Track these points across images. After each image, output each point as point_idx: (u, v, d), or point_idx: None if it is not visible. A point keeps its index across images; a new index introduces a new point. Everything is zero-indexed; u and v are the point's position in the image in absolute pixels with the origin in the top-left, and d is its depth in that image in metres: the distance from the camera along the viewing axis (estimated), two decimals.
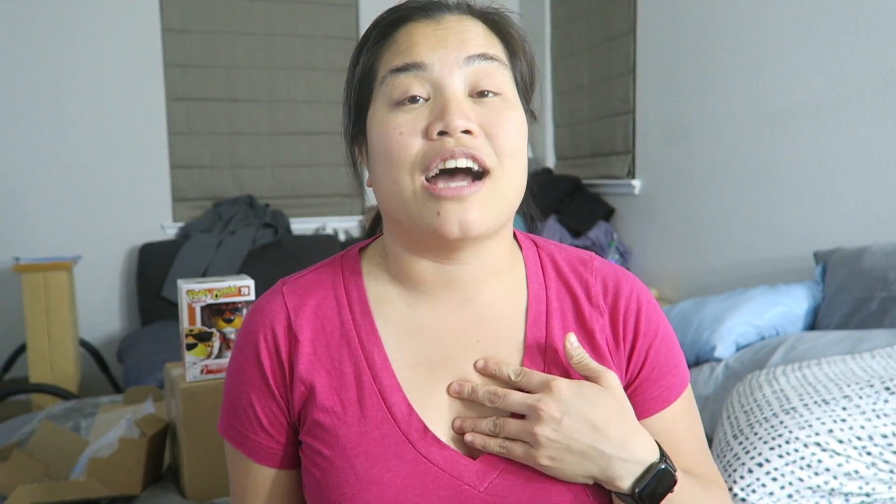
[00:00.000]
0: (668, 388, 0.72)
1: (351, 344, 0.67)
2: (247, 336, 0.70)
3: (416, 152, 0.62)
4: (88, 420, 1.69)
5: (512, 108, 0.65)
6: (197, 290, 1.33)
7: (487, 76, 0.63)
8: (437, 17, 0.65)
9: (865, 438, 1.10)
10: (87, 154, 3.35)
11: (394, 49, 0.64)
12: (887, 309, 1.71)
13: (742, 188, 2.54)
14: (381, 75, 0.64)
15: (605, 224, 3.27)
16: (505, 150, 0.63)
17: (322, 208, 3.84)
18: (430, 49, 0.62)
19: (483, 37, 0.65)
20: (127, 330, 3.47)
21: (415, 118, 0.62)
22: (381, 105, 0.64)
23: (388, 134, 0.62)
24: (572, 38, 3.60)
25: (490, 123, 0.62)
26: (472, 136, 0.61)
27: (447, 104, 0.61)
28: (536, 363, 0.68)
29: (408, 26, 0.65)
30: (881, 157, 2.02)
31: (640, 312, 0.72)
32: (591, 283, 0.72)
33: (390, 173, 0.63)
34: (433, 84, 0.62)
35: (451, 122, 0.60)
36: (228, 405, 0.72)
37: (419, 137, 0.62)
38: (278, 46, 3.68)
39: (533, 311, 0.70)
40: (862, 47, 2.06)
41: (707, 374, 1.77)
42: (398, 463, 0.63)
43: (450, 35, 0.63)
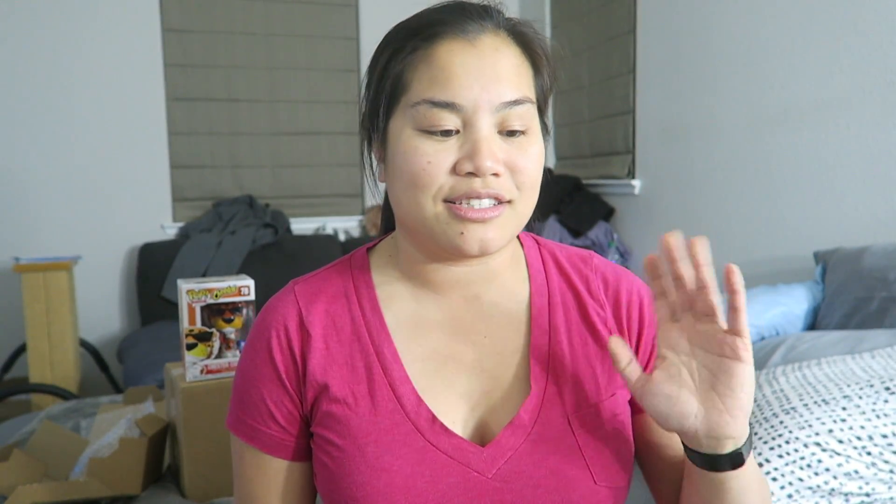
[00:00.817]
0: None
1: (361, 339, 0.70)
2: (259, 333, 0.72)
3: (443, 184, 0.64)
4: (88, 420, 1.69)
5: (535, 143, 0.67)
6: (197, 290, 1.33)
7: (518, 118, 0.65)
8: (473, 38, 0.65)
9: (865, 438, 1.10)
10: (88, 154, 3.35)
11: (429, 72, 0.64)
12: (887, 309, 1.71)
13: (742, 188, 2.54)
14: (413, 98, 0.65)
15: (605, 224, 3.27)
16: (526, 184, 0.66)
17: (322, 208, 3.84)
18: (466, 88, 0.63)
19: (516, 70, 0.66)
20: (127, 330, 3.47)
21: (444, 150, 0.64)
22: (409, 124, 0.65)
23: (416, 160, 0.64)
24: (572, 38, 3.60)
25: (514, 162, 0.65)
26: (497, 177, 0.64)
27: (478, 145, 0.63)
28: (541, 357, 0.70)
29: (443, 45, 0.65)
30: (881, 157, 2.02)
31: (643, 303, 0.75)
32: (591, 279, 0.75)
33: (413, 195, 0.65)
34: (464, 120, 0.64)
35: (482, 166, 0.62)
36: (238, 400, 0.73)
37: (446, 170, 0.64)
38: (278, 46, 3.68)
39: (536, 305, 0.73)
40: (862, 47, 2.06)
41: None
42: (408, 451, 0.66)
43: (485, 69, 0.64)
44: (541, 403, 0.68)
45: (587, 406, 0.69)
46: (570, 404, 0.69)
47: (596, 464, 0.68)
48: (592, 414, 0.69)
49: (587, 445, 0.68)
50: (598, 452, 0.68)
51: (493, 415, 0.69)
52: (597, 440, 0.69)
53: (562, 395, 0.69)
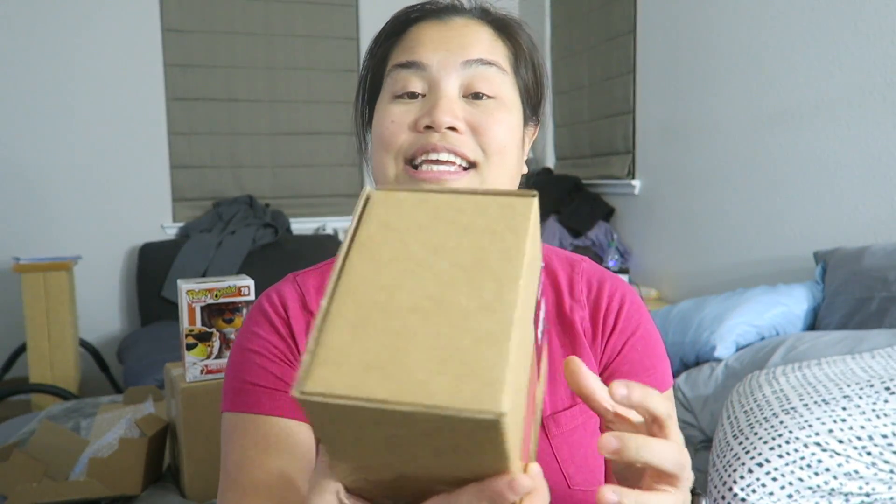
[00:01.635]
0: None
1: None
2: (254, 309, 0.73)
3: (403, 141, 0.65)
4: (88, 420, 1.69)
5: (505, 111, 0.66)
6: (197, 290, 1.33)
7: (484, 79, 0.66)
8: (446, 19, 0.69)
9: (865, 438, 1.10)
10: (88, 154, 3.35)
11: (401, 46, 0.69)
12: (887, 309, 1.71)
13: (742, 188, 2.54)
14: (387, 69, 0.69)
15: (605, 224, 3.27)
16: (491, 146, 0.65)
17: (322, 208, 3.84)
18: (432, 50, 0.66)
19: (487, 42, 0.68)
20: (127, 330, 3.47)
21: (408, 111, 0.66)
22: (385, 96, 0.68)
23: (382, 122, 0.66)
24: (572, 38, 3.60)
25: (478, 122, 0.65)
26: (457, 132, 0.64)
27: (437, 101, 0.64)
28: None
29: (418, 26, 0.69)
30: (881, 157, 2.02)
31: (622, 309, 0.73)
32: (575, 281, 0.74)
33: (380, 158, 0.67)
34: (430, 82, 0.66)
35: (438, 118, 0.63)
36: (234, 375, 0.69)
37: (408, 129, 0.65)
38: (278, 46, 3.68)
39: None
40: (862, 47, 2.06)
41: (707, 374, 1.77)
42: None
43: (453, 37, 0.67)
44: None
45: (562, 408, 0.68)
46: (545, 406, 0.68)
47: (570, 467, 0.67)
48: (568, 417, 0.68)
49: (561, 449, 0.67)
50: (572, 456, 0.67)
51: None
52: (571, 444, 0.67)
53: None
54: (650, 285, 3.07)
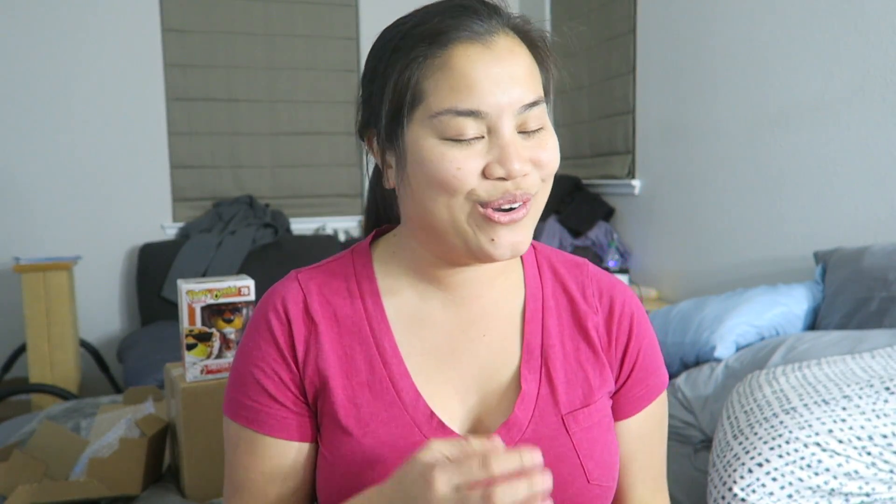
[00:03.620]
0: (651, 386, 0.78)
1: (362, 332, 0.71)
2: (259, 313, 0.73)
3: (474, 188, 0.64)
4: (88, 420, 1.69)
5: (551, 136, 0.68)
6: (197, 290, 1.33)
7: (535, 118, 0.66)
8: (487, 40, 0.64)
9: (865, 438, 1.10)
10: (88, 154, 3.35)
11: (448, 80, 0.63)
12: (887, 309, 1.71)
13: (742, 188, 2.54)
14: (434, 107, 0.63)
15: (605, 224, 3.27)
16: (549, 176, 0.68)
17: (322, 208, 3.84)
18: (489, 94, 0.63)
19: (529, 71, 0.66)
20: (127, 330, 3.47)
21: (472, 155, 0.64)
22: (430, 133, 0.64)
23: (444, 167, 0.63)
24: (572, 39, 3.59)
25: (538, 158, 0.66)
26: (526, 176, 0.65)
27: (507, 150, 0.63)
28: (534, 358, 0.72)
29: (459, 49, 0.64)
30: (881, 157, 2.02)
31: (634, 317, 0.77)
32: (586, 285, 0.77)
33: (444, 200, 0.65)
34: (489, 126, 0.64)
35: (513, 169, 0.63)
36: (236, 383, 0.73)
37: (476, 175, 0.64)
38: (278, 46, 3.68)
39: (530, 309, 0.75)
40: (862, 47, 2.06)
41: (707, 374, 1.77)
42: (405, 445, 0.67)
43: (503, 72, 0.64)
44: (535, 403, 0.70)
45: (580, 407, 0.71)
46: (564, 405, 0.71)
47: (589, 463, 0.70)
48: (585, 415, 0.71)
49: (581, 445, 0.70)
50: (590, 452, 0.70)
51: (488, 413, 0.71)
52: (590, 440, 0.71)
53: (555, 396, 0.71)
54: (650, 285, 3.07)
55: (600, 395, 0.73)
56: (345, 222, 3.88)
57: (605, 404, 0.74)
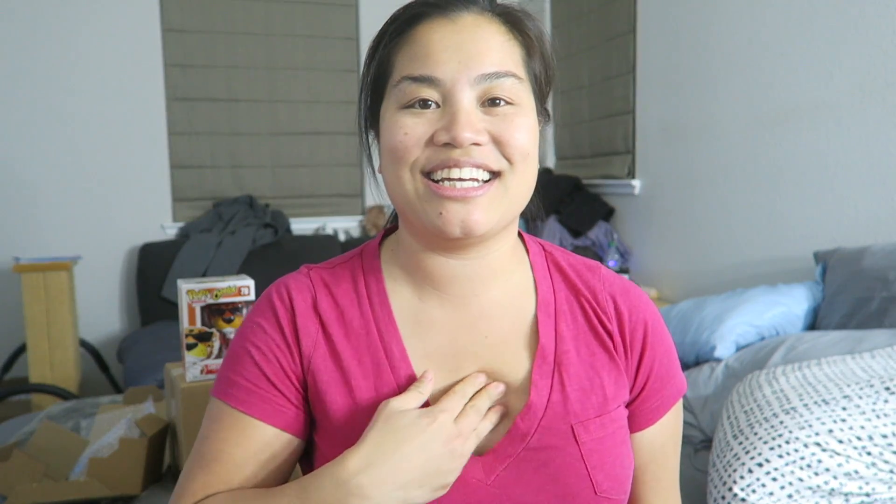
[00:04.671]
0: (666, 396, 0.74)
1: (370, 334, 0.69)
2: (264, 300, 0.72)
3: (419, 155, 0.63)
4: (88, 420, 1.69)
5: (524, 115, 0.64)
6: (197, 290, 1.33)
7: (501, 88, 0.63)
8: (454, 16, 0.64)
9: (865, 438, 1.10)
10: (88, 154, 3.35)
11: (409, 51, 0.64)
12: (887, 309, 1.71)
13: (742, 188, 2.54)
14: (395, 77, 0.65)
15: (605, 224, 3.27)
16: (515, 155, 0.63)
17: (322, 208, 3.84)
18: (445, 61, 0.62)
19: (501, 45, 0.64)
20: (127, 330, 3.47)
21: (422, 122, 0.63)
22: (392, 104, 0.65)
23: (395, 133, 0.63)
24: (572, 38, 3.59)
25: (500, 131, 0.63)
26: (479, 146, 0.62)
27: (456, 115, 0.61)
28: (547, 364, 0.69)
29: (424, 25, 0.64)
30: (881, 157, 2.02)
31: (648, 325, 0.73)
32: (598, 290, 0.74)
33: (394, 170, 0.64)
34: (443, 94, 0.63)
35: (459, 136, 0.61)
36: (231, 363, 0.70)
37: (422, 141, 0.62)
38: (278, 46, 3.68)
39: (542, 312, 0.71)
40: (862, 47, 2.06)
41: (707, 374, 1.77)
42: None
43: (465, 44, 0.63)
44: (543, 411, 0.67)
45: (593, 416, 0.68)
46: (576, 413, 0.68)
47: (598, 474, 0.67)
48: (598, 425, 0.68)
49: (591, 455, 0.67)
50: (601, 464, 0.67)
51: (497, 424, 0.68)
52: (601, 451, 0.68)
53: (567, 404, 0.68)
54: (650, 285, 3.07)
55: (616, 405, 0.70)
56: (345, 222, 3.88)
57: (620, 415, 0.70)
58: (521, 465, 0.66)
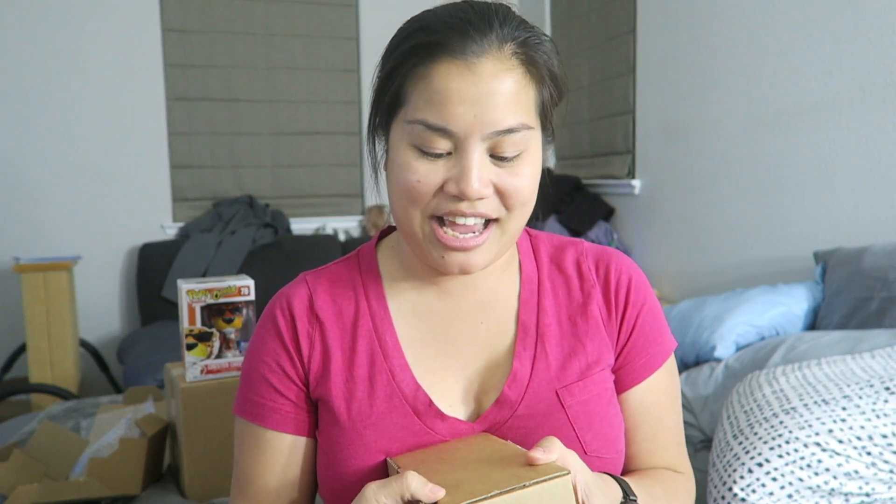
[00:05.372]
0: (654, 354, 0.77)
1: (364, 327, 0.74)
2: (267, 313, 0.77)
3: (430, 201, 0.66)
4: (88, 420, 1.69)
5: (529, 162, 0.67)
6: (197, 290, 1.33)
7: (511, 144, 0.65)
8: (473, 63, 0.63)
9: (865, 438, 1.10)
10: (88, 154, 3.35)
11: (425, 91, 0.64)
12: (887, 309, 1.71)
13: (742, 188, 2.54)
14: (409, 114, 0.65)
15: (605, 224, 3.27)
16: (515, 205, 0.67)
17: (322, 208, 3.84)
18: (460, 116, 0.63)
19: (514, 95, 0.64)
20: (127, 330, 3.47)
21: (434, 170, 0.65)
22: (405, 139, 0.66)
23: (407, 177, 0.66)
24: (572, 38, 3.59)
25: (505, 184, 0.66)
26: (484, 199, 0.66)
27: (467, 171, 0.64)
28: (529, 337, 0.74)
29: (443, 66, 0.64)
30: (881, 157, 2.02)
31: (631, 283, 0.78)
32: (581, 261, 0.79)
33: (404, 208, 0.68)
34: (456, 144, 0.65)
35: (467, 191, 0.64)
36: (245, 383, 0.76)
37: (434, 189, 0.66)
38: (278, 46, 3.68)
39: (525, 291, 0.77)
40: (862, 47, 2.06)
41: (707, 374, 1.77)
42: (404, 434, 0.70)
43: (481, 98, 0.63)
44: (528, 379, 0.72)
45: (576, 380, 0.73)
46: (559, 379, 0.72)
47: (586, 435, 0.70)
48: (581, 388, 0.72)
49: (577, 418, 0.71)
50: (587, 425, 0.71)
51: (484, 394, 0.73)
52: (586, 412, 0.71)
53: (550, 371, 0.72)
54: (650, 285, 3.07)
55: (599, 369, 0.74)
56: (345, 222, 3.88)
57: (604, 378, 0.74)
58: (511, 434, 0.70)
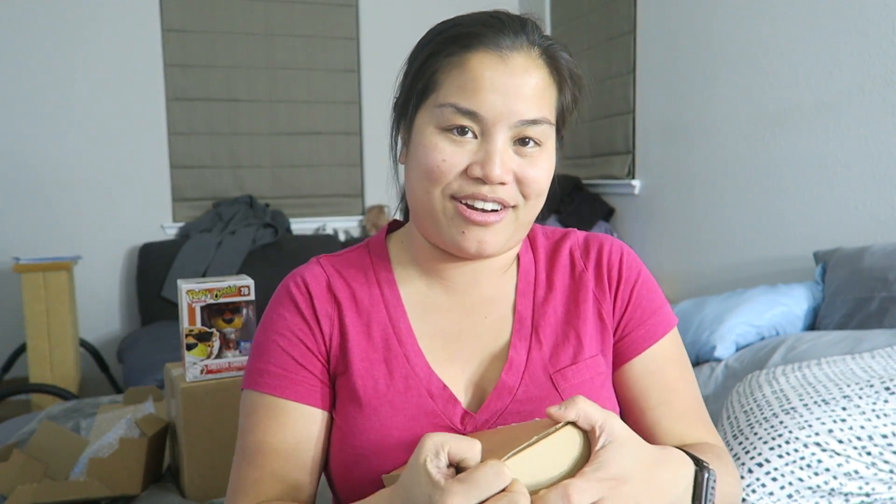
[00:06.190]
0: (653, 325, 0.79)
1: (379, 313, 0.77)
2: (281, 290, 0.79)
3: (453, 181, 0.69)
4: (88, 420, 1.69)
5: (547, 157, 0.71)
6: (197, 290, 1.33)
7: (533, 132, 0.69)
8: (506, 55, 0.68)
9: (865, 438, 1.10)
10: (88, 154, 3.35)
11: (458, 77, 0.68)
12: (887, 309, 1.71)
13: (742, 188, 2.54)
14: (441, 98, 0.69)
15: (605, 224, 3.27)
16: (531, 193, 0.71)
17: (322, 208, 3.84)
18: (491, 102, 0.67)
19: (541, 91, 0.69)
20: (127, 330, 3.47)
21: (459, 151, 0.69)
22: (433, 122, 0.70)
23: (433, 156, 0.69)
24: (572, 38, 3.60)
25: (524, 174, 0.70)
26: (504, 185, 0.69)
27: (492, 155, 0.68)
28: (524, 328, 0.77)
29: (477, 55, 0.68)
30: (881, 157, 2.02)
31: (622, 260, 0.81)
32: (573, 248, 0.82)
33: (425, 187, 0.70)
34: (483, 128, 0.68)
35: (491, 174, 0.67)
36: (259, 355, 0.76)
37: (458, 170, 0.69)
38: (278, 46, 3.68)
39: (522, 284, 0.80)
40: (862, 47, 2.06)
41: (707, 374, 1.77)
42: (420, 413, 0.72)
43: (512, 88, 0.67)
44: (524, 367, 0.75)
45: (569, 364, 0.76)
46: (553, 364, 0.76)
47: None
48: (574, 371, 0.75)
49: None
50: None
51: (485, 382, 0.76)
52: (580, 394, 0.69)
53: (545, 358, 0.76)
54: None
55: (591, 354, 0.76)
56: (345, 222, 3.88)
57: (596, 363, 0.77)
58: (510, 419, 0.73)
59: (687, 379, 0.80)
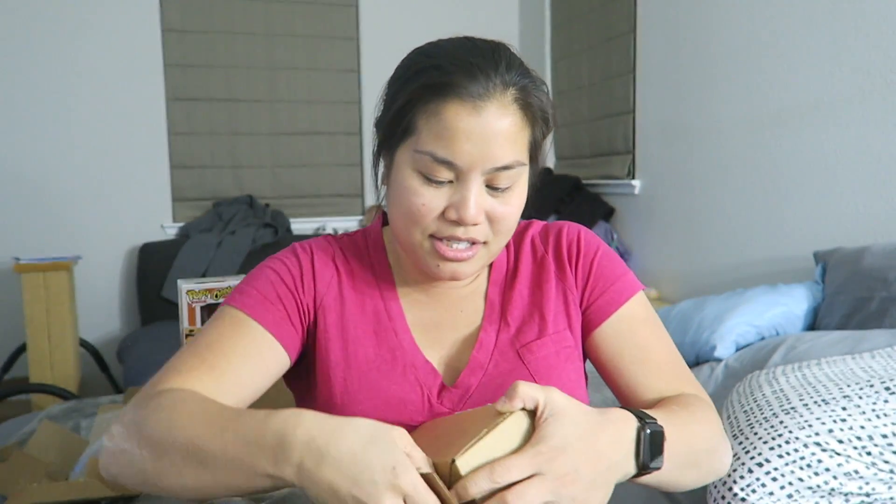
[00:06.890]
0: (617, 290, 0.85)
1: (372, 292, 0.85)
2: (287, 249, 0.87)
3: (431, 223, 0.75)
4: (88, 420, 1.69)
5: (518, 194, 0.77)
6: (197, 290, 1.33)
7: (506, 176, 0.74)
8: (480, 105, 0.71)
9: (865, 438, 1.10)
10: (88, 154, 3.35)
11: (435, 126, 0.72)
12: (887, 309, 1.71)
13: (742, 188, 2.54)
14: (419, 145, 0.73)
15: (605, 224, 3.27)
16: (502, 231, 0.77)
17: (322, 208, 3.84)
18: (465, 153, 0.72)
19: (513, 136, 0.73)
20: (127, 330, 3.47)
21: (437, 196, 0.74)
22: (412, 164, 0.74)
23: (412, 200, 0.74)
24: (572, 38, 3.59)
25: (495, 214, 0.75)
26: (477, 225, 0.75)
27: (466, 201, 0.73)
28: (494, 313, 0.85)
29: (452, 106, 0.71)
30: (881, 157, 2.02)
31: (580, 238, 0.87)
32: (534, 236, 0.90)
33: (405, 225, 0.77)
34: (458, 174, 0.73)
35: (466, 217, 0.73)
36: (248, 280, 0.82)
37: (436, 213, 0.75)
38: (278, 46, 3.68)
39: (494, 274, 0.88)
40: (862, 47, 2.06)
41: (707, 374, 1.77)
42: (403, 381, 0.79)
43: (485, 138, 0.72)
44: (493, 346, 0.82)
45: (534, 339, 0.82)
46: (519, 339, 0.83)
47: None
48: (539, 345, 0.82)
49: (538, 373, 0.80)
50: (547, 377, 0.80)
51: (461, 364, 0.82)
52: (546, 367, 0.81)
53: (513, 336, 0.83)
54: (650, 285, 3.07)
55: (556, 329, 0.83)
56: (345, 222, 3.88)
57: (563, 337, 0.83)
58: (483, 392, 0.79)
59: (659, 336, 0.84)
